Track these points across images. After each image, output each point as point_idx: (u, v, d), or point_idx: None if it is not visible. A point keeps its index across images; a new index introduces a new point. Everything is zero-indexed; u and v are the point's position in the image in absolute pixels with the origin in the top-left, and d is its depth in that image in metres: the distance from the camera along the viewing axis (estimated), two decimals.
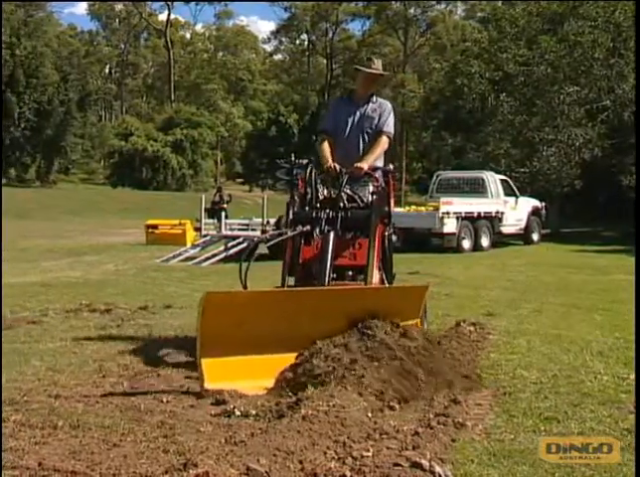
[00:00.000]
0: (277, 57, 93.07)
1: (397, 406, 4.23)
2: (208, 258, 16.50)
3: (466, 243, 19.65)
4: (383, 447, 3.55)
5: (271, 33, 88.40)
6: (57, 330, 7.08)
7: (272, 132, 65.75)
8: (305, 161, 6.01)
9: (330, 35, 79.88)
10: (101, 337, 6.70)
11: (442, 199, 19.64)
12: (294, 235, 5.63)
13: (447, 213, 19.13)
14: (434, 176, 23.19)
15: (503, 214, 21.02)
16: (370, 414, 4.00)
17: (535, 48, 28.28)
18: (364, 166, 5.92)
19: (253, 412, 4.07)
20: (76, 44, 79.34)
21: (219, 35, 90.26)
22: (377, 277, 5.70)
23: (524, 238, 22.33)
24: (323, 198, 5.82)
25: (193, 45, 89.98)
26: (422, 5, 71.35)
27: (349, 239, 5.76)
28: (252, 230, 18.42)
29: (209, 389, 4.53)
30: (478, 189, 21.37)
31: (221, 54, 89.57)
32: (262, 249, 12.31)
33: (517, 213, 21.76)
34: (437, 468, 3.29)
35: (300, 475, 3.18)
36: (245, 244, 12.90)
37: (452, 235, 19.21)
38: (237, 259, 11.40)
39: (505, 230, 21.37)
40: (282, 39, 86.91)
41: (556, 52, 27.23)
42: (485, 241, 20.31)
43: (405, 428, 3.86)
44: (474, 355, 5.90)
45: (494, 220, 20.76)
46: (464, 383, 4.79)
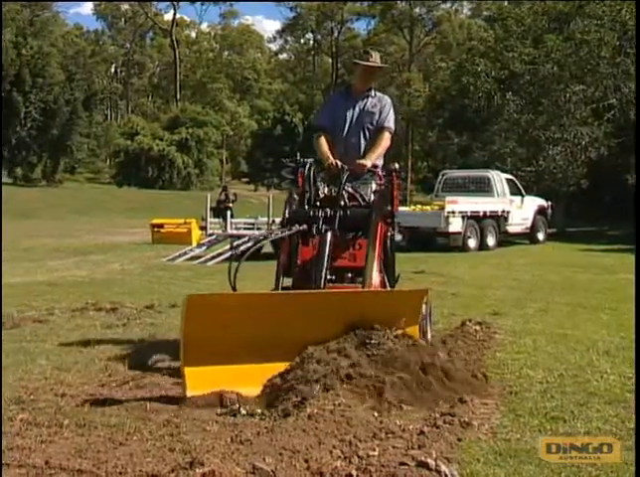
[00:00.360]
0: (283, 56, 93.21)
1: (402, 407, 4.15)
2: (213, 257, 16.50)
3: (472, 243, 19.62)
4: (389, 446, 3.55)
5: (277, 32, 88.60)
6: (63, 329, 7.10)
7: (278, 131, 65.78)
8: (311, 160, 5.76)
9: (335, 34, 79.88)
10: (107, 336, 6.71)
11: (448, 198, 19.62)
12: (289, 234, 5.43)
13: (453, 212, 19.11)
14: (440, 175, 23.17)
15: (509, 213, 20.99)
16: (375, 414, 4.00)
17: (541, 46, 28.24)
18: (367, 163, 5.76)
19: (259, 411, 4.08)
20: (81, 43, 79.35)
21: (224, 34, 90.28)
22: (377, 280, 5.44)
23: (530, 237, 22.30)
24: (323, 196, 5.64)
25: (198, 44, 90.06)
26: (428, 4, 71.19)
27: (349, 240, 5.56)
28: (258, 228, 18.42)
29: (193, 395, 4.32)
30: (484, 188, 21.33)
31: (226, 53, 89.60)
32: (267, 248, 12.32)
33: (523, 212, 21.72)
34: (443, 467, 3.29)
35: (306, 474, 3.18)
36: (251, 243, 12.90)
37: (458, 234, 19.19)
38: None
39: (511, 229, 21.33)
40: (288, 38, 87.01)
41: (562, 50, 27.19)
42: (491, 241, 20.29)
43: (411, 427, 3.85)
44: (480, 354, 5.89)
45: (500, 219, 20.73)
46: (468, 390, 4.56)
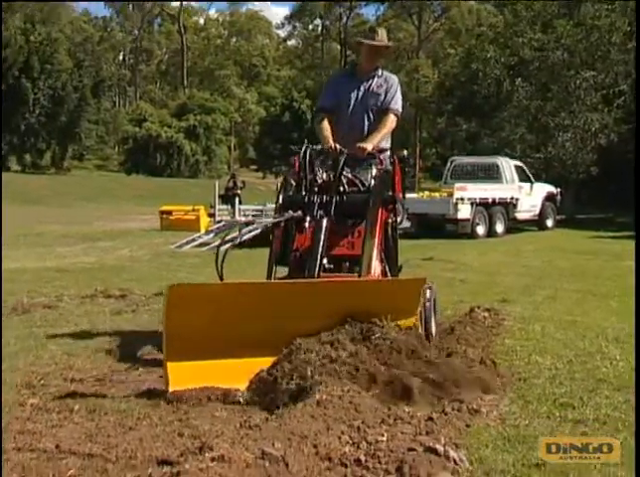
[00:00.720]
0: (291, 42, 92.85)
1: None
2: (221, 244, 16.50)
3: (480, 229, 19.60)
4: (397, 432, 3.55)
5: (285, 18, 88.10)
6: (72, 315, 7.13)
7: (286, 118, 65.61)
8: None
9: (344, 20, 79.48)
10: (117, 322, 6.74)
11: (456, 185, 19.59)
12: (280, 221, 5.21)
13: (461, 198, 19.08)
14: (449, 162, 23.12)
15: (517, 200, 20.95)
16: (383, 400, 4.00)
17: (550, 32, 28.06)
18: (367, 146, 5.47)
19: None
20: (89, 30, 79.34)
21: (232, 20, 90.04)
22: (378, 269, 5.24)
23: (538, 223, 22.26)
24: (322, 182, 5.32)
25: (206, 30, 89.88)
26: None
27: (347, 227, 5.29)
28: (266, 215, 18.43)
29: (176, 390, 4.15)
30: (493, 175, 21.27)
31: (234, 39, 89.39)
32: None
33: (531, 199, 21.67)
34: (452, 453, 3.30)
35: (315, 459, 3.18)
36: (260, 231, 12.91)
37: (466, 220, 19.17)
38: (250, 245, 11.42)
39: (519, 215, 21.30)
40: (296, 24, 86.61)
41: (572, 36, 27.01)
42: (499, 227, 20.26)
43: (420, 414, 3.85)
44: (489, 341, 5.88)
45: (508, 206, 20.69)
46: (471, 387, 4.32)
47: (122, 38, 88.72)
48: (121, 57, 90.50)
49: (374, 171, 5.52)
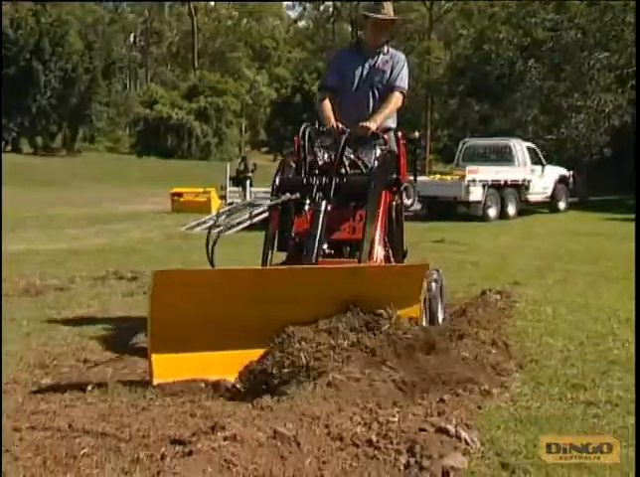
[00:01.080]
0: (302, 23, 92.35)
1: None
2: (232, 226, 16.53)
3: (492, 212, 19.53)
4: (408, 413, 3.56)
5: None
6: (84, 297, 7.18)
7: (297, 100, 65.39)
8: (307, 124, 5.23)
9: (355, 1, 78.95)
10: (128, 304, 6.78)
11: (468, 167, 19.50)
12: (276, 203, 4.95)
13: (473, 181, 19.00)
14: (460, 144, 22.99)
15: (530, 182, 20.83)
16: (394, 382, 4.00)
17: (564, 12, 27.81)
18: (371, 126, 5.23)
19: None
20: (100, 11, 79.14)
21: (243, 1, 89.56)
22: (381, 254, 5.03)
23: (550, 206, 22.14)
24: (323, 163, 5.07)
25: (217, 12, 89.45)
26: None
27: (349, 210, 5.00)
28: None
29: (160, 383, 3.99)
30: (505, 157, 21.16)
31: (245, 21, 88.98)
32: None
33: (544, 181, 21.54)
34: (463, 433, 3.31)
35: (326, 439, 3.20)
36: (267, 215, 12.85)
37: (478, 203, 19.11)
38: (261, 227, 11.42)
39: (531, 198, 21.19)
40: (307, 5, 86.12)
41: (585, 16, 26.75)
42: (511, 210, 20.18)
43: (431, 395, 3.87)
44: (500, 323, 5.87)
45: (520, 188, 20.58)
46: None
47: (133, 19, 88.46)
48: (132, 38, 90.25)
49: (378, 152, 5.22)
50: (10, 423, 3.45)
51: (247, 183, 20.36)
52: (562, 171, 22.84)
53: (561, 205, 22.43)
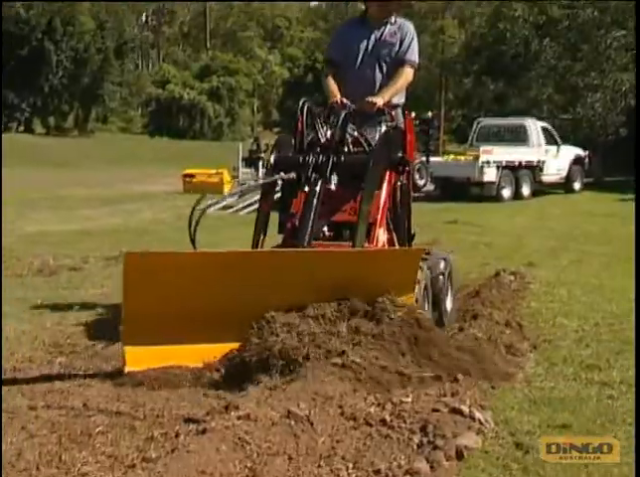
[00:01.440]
0: (314, 3, 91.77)
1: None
2: (244, 207, 16.55)
3: (506, 193, 19.43)
4: (422, 394, 3.57)
5: None
6: (97, 277, 7.22)
7: (309, 80, 65.08)
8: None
9: None
10: None
11: (482, 148, 19.39)
12: (268, 182, 4.77)
13: (487, 162, 18.89)
14: (475, 123, 22.83)
15: (544, 162, 20.68)
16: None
17: None
18: (377, 101, 4.91)
19: None
20: None
21: None
22: (383, 238, 4.78)
23: (565, 187, 21.98)
24: (324, 141, 4.73)
25: None
26: None
27: (351, 191, 4.68)
28: None
29: (131, 371, 3.82)
30: (519, 137, 20.98)
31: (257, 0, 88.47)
32: None
33: (558, 161, 21.38)
34: (477, 414, 3.31)
35: (340, 419, 3.21)
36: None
37: (492, 184, 19.00)
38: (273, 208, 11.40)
39: (546, 178, 21.04)
40: None
41: None
42: (525, 191, 20.05)
43: (445, 377, 3.87)
44: (514, 303, 5.89)
45: (535, 169, 20.44)
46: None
47: None
48: (144, 18, 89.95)
49: (383, 129, 4.95)
50: (25, 402, 3.49)
51: (260, 164, 20.31)
52: (578, 151, 22.66)
53: (577, 186, 22.26)
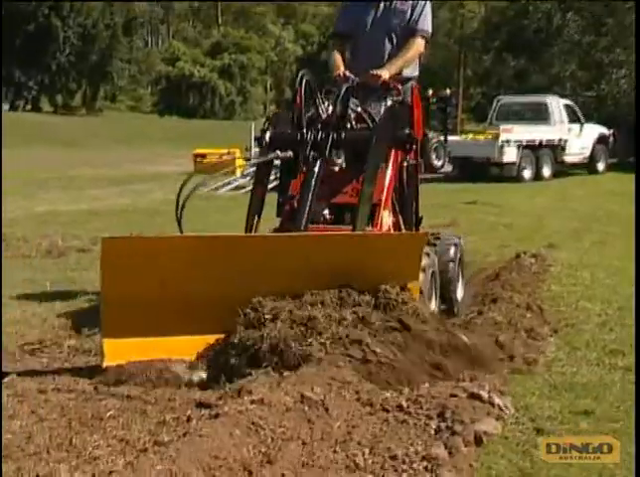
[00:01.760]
0: None
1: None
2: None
3: (527, 173, 19.30)
4: (439, 379, 3.56)
5: None
6: None
7: (323, 57, 64.82)
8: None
9: None
10: None
11: (502, 126, 19.25)
12: (262, 161, 4.56)
13: (507, 141, 18.75)
14: (494, 101, 22.64)
15: (566, 142, 20.49)
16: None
17: None
18: (383, 73, 4.70)
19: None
20: None
21: None
22: (388, 221, 4.58)
23: (588, 167, 21.78)
24: (325, 117, 4.51)
25: None
26: None
27: (353, 171, 4.45)
28: None
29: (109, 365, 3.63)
30: (541, 115, 20.79)
31: None
32: None
33: (581, 141, 21.18)
34: (497, 399, 3.31)
35: (356, 404, 3.21)
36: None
37: (512, 164, 18.88)
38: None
39: (568, 159, 20.86)
40: None
41: None
42: (547, 171, 19.91)
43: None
44: (535, 287, 5.86)
45: (556, 148, 20.28)
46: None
47: None
48: None
49: (388, 104, 4.72)
50: (35, 385, 3.52)
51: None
52: (602, 130, 22.43)
53: (600, 166, 22.06)
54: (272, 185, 4.98)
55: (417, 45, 4.93)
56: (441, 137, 19.77)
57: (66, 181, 17.23)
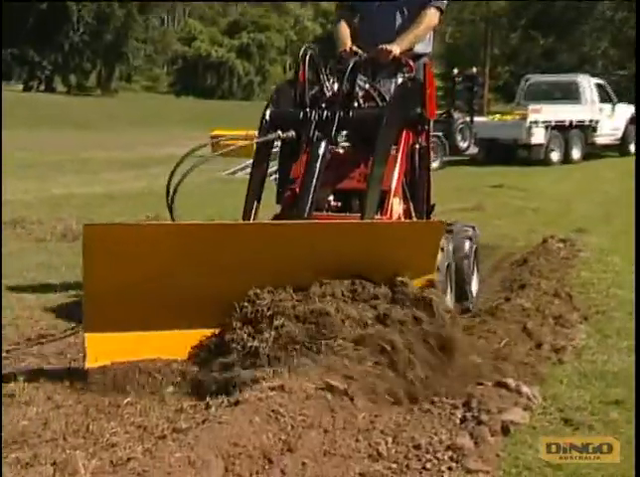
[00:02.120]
0: None
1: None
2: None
3: (555, 155, 19.17)
4: None
5: None
6: None
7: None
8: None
9: None
10: None
11: (530, 106, 19.09)
12: (261, 142, 4.36)
13: (535, 122, 18.62)
14: (522, 81, 22.47)
15: (597, 122, 20.31)
16: None
17: None
18: (393, 48, 4.49)
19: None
20: None
21: None
22: (399, 208, 4.37)
23: (620, 149, 21.58)
24: (332, 94, 4.28)
25: None
26: None
27: (361, 154, 4.26)
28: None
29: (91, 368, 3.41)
30: (571, 95, 20.59)
31: None
32: None
33: (613, 121, 20.97)
34: (524, 388, 3.30)
35: (381, 393, 3.19)
36: None
37: (540, 146, 18.75)
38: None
39: (599, 140, 20.69)
40: None
41: None
42: (576, 153, 19.76)
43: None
44: (563, 273, 5.84)
45: (587, 129, 20.11)
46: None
47: None
48: None
49: (400, 81, 4.52)
50: (51, 371, 3.55)
51: None
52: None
53: (633, 148, 21.84)
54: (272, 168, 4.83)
55: (431, 16, 4.71)
56: (467, 118, 19.81)
57: (79, 164, 17.30)
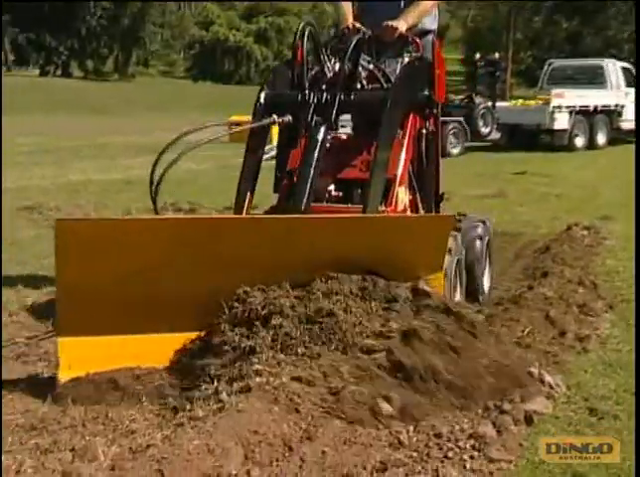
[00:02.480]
0: None
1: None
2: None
3: (579, 141, 19.02)
4: None
5: None
6: None
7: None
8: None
9: None
10: None
11: (553, 91, 18.94)
12: (255, 126, 4.13)
13: (559, 107, 18.46)
14: (546, 65, 22.28)
15: (623, 107, 20.11)
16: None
17: None
18: (399, 25, 4.29)
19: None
20: None
21: None
22: (404, 199, 4.15)
23: None
24: (332, 75, 4.03)
25: None
26: None
27: (364, 140, 4.10)
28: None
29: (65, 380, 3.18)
30: (596, 79, 20.39)
31: None
32: None
33: None
34: (547, 377, 3.29)
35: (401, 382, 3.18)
36: None
37: (564, 131, 18.60)
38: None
39: (625, 125, 20.47)
40: None
41: None
42: (601, 139, 19.60)
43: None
44: (588, 260, 5.82)
45: (612, 114, 19.93)
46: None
47: None
48: None
49: (406, 61, 4.33)
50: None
51: None
52: None
53: None
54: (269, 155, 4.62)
55: None
56: (489, 103, 19.70)
57: (96, 149, 17.39)
